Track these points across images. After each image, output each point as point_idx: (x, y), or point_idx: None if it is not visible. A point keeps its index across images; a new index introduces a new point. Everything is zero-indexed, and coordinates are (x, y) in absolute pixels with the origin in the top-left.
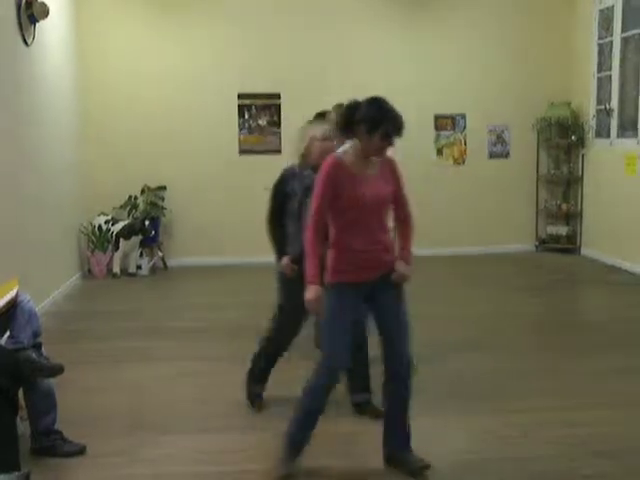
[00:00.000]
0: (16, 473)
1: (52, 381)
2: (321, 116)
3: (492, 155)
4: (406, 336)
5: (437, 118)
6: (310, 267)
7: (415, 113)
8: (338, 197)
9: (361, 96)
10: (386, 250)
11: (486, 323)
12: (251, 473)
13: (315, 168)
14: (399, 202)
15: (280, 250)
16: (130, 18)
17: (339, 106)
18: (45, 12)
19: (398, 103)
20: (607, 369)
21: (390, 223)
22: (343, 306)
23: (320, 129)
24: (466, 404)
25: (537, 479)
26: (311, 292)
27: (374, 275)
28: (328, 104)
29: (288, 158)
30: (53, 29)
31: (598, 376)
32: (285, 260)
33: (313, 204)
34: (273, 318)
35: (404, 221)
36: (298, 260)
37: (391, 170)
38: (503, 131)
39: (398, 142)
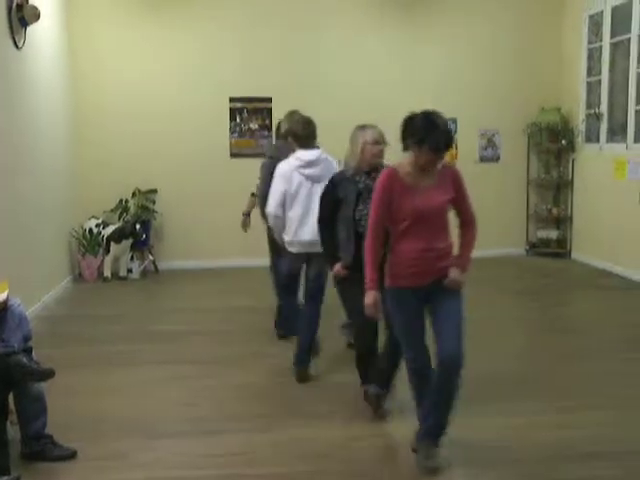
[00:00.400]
0: (6, 477)
1: (43, 385)
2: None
3: (483, 159)
4: (454, 335)
5: None
6: (368, 273)
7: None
8: (393, 207)
9: (353, 101)
10: (440, 257)
11: (476, 326)
12: (244, 477)
13: (369, 173)
14: (460, 210)
15: (332, 255)
16: (121, 21)
17: (290, 114)
18: (36, 15)
19: (388, 108)
20: (598, 372)
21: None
22: (404, 309)
23: (371, 133)
24: (458, 407)
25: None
26: (369, 297)
27: (427, 281)
28: (320, 107)
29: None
30: (44, 32)
31: (589, 379)
32: (337, 267)
33: (371, 214)
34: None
35: (465, 228)
36: (351, 265)
37: (452, 180)
38: (494, 135)
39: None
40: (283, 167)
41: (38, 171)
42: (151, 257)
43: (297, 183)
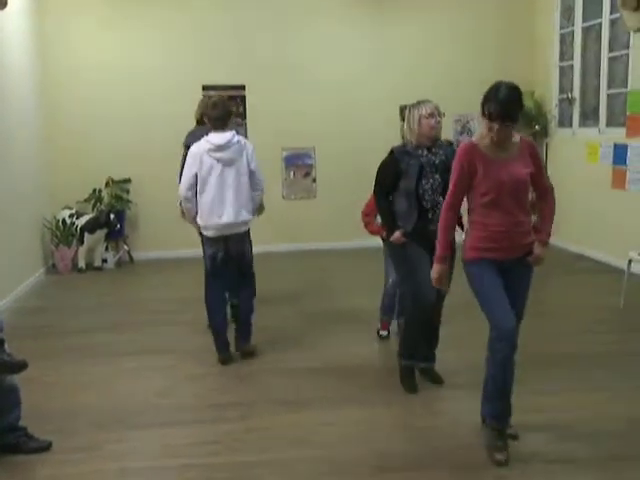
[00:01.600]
0: None
1: (15, 377)
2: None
3: (458, 144)
4: (519, 313)
5: (402, 109)
6: (440, 247)
7: (379, 104)
8: (475, 181)
9: (326, 87)
10: (526, 233)
11: (450, 311)
12: (219, 466)
13: (429, 148)
14: (538, 185)
15: (391, 223)
16: (93, 10)
17: (205, 98)
18: (3, 2)
19: (361, 94)
20: (571, 354)
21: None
22: (486, 277)
23: (426, 107)
24: (429, 391)
25: (502, 464)
26: (436, 270)
27: (513, 255)
28: (293, 94)
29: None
30: (13, 18)
31: (562, 361)
32: (397, 234)
33: (450, 189)
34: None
35: (543, 201)
36: (410, 234)
37: (531, 153)
38: (468, 121)
39: (369, 132)
40: (193, 150)
41: (8, 161)
42: (126, 247)
43: (208, 166)
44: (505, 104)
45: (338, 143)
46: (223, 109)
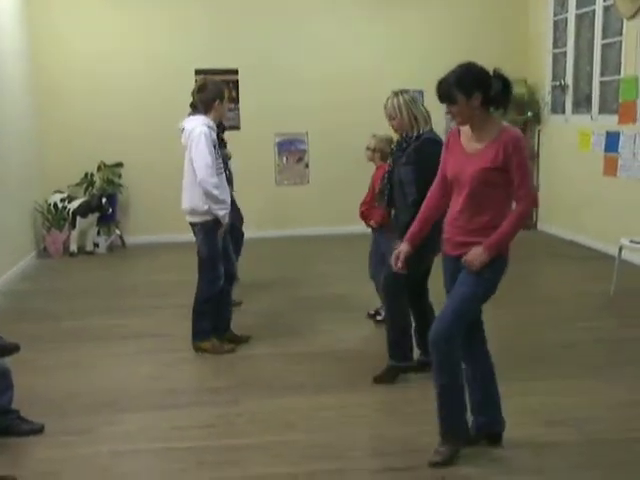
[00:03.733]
0: None
1: (7, 360)
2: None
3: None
4: (446, 313)
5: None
6: (412, 226)
7: (373, 92)
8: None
9: (319, 73)
10: (467, 231)
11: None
12: (210, 449)
13: None
14: (512, 188)
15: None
16: None
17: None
18: None
19: (355, 80)
20: (561, 341)
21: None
22: (444, 273)
23: None
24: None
25: (492, 448)
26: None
27: (453, 252)
28: (287, 79)
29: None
30: (1, 6)
31: (552, 348)
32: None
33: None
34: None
35: (516, 204)
36: None
37: (504, 147)
38: None
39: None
40: None
41: None
42: (118, 231)
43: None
44: (437, 84)
45: (331, 129)
46: (198, 92)
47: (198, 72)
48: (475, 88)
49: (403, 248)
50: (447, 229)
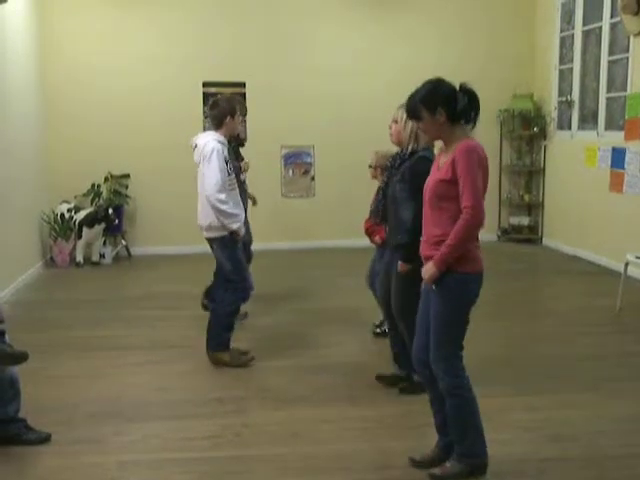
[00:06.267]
0: None
1: (16, 369)
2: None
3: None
4: (433, 338)
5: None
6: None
7: (380, 103)
8: None
9: (324, 84)
10: (431, 244)
11: None
12: (216, 460)
13: None
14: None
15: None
16: (95, 5)
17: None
18: None
19: (362, 93)
20: (565, 355)
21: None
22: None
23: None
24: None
25: (495, 462)
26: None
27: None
28: (293, 92)
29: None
30: (14, 13)
31: (556, 362)
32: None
33: None
34: None
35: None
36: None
37: (454, 160)
38: None
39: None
40: None
41: (7, 154)
42: (124, 242)
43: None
44: (406, 101)
45: (337, 142)
46: (211, 109)
47: (206, 84)
48: (439, 104)
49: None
50: (421, 245)
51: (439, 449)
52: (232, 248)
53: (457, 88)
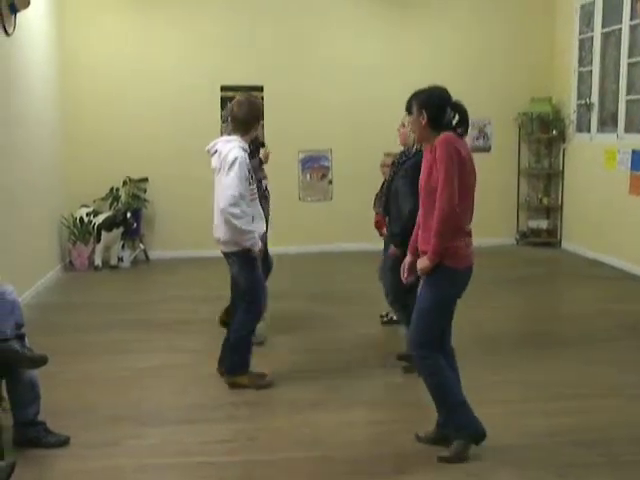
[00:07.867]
0: (1, 462)
1: (35, 372)
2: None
3: (474, 149)
4: (414, 323)
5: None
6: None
7: (397, 107)
8: None
9: (341, 88)
10: (421, 241)
11: (466, 316)
12: (232, 464)
13: None
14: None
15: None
16: (112, 7)
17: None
18: (26, 2)
19: (379, 96)
20: (586, 361)
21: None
22: None
23: None
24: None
25: (517, 468)
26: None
27: None
28: (310, 96)
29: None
30: (35, 19)
31: (578, 367)
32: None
33: None
34: None
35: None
36: None
37: (431, 151)
38: (485, 125)
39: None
40: None
41: (27, 159)
42: (142, 246)
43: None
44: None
45: (355, 145)
46: (229, 111)
47: (224, 88)
48: (425, 107)
49: (407, 259)
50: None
51: (439, 427)
52: (250, 265)
53: (452, 102)
